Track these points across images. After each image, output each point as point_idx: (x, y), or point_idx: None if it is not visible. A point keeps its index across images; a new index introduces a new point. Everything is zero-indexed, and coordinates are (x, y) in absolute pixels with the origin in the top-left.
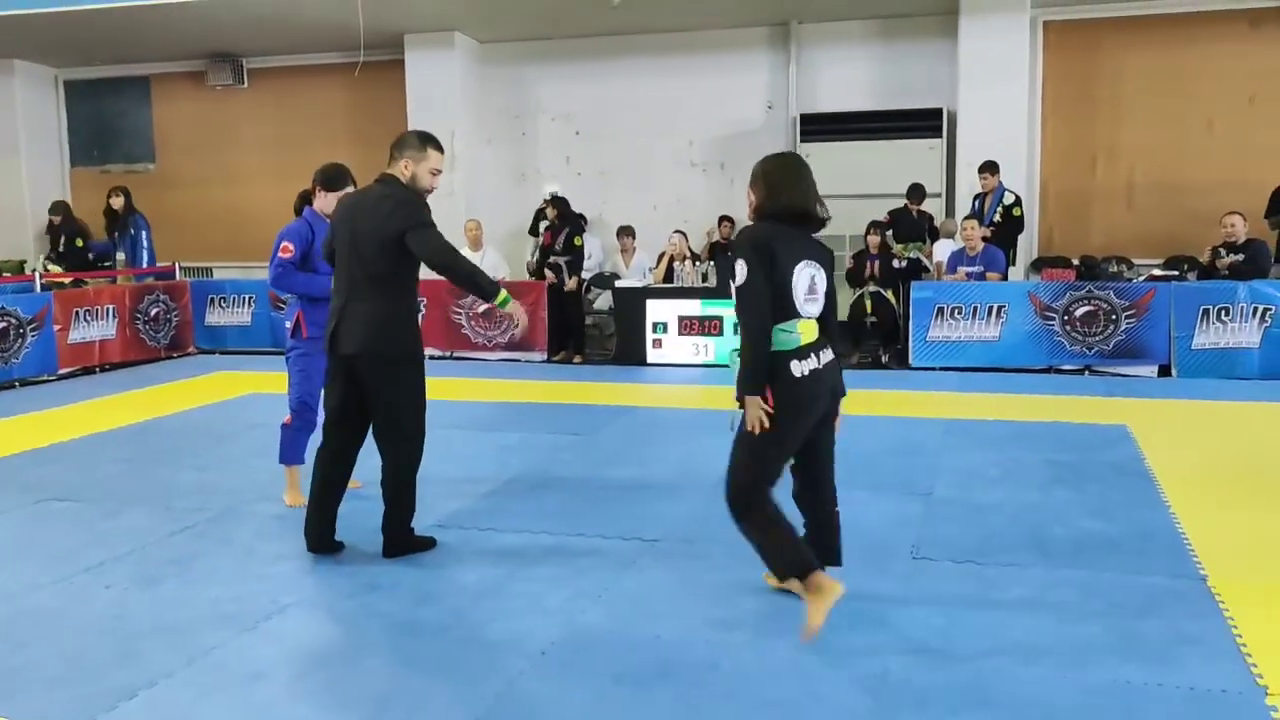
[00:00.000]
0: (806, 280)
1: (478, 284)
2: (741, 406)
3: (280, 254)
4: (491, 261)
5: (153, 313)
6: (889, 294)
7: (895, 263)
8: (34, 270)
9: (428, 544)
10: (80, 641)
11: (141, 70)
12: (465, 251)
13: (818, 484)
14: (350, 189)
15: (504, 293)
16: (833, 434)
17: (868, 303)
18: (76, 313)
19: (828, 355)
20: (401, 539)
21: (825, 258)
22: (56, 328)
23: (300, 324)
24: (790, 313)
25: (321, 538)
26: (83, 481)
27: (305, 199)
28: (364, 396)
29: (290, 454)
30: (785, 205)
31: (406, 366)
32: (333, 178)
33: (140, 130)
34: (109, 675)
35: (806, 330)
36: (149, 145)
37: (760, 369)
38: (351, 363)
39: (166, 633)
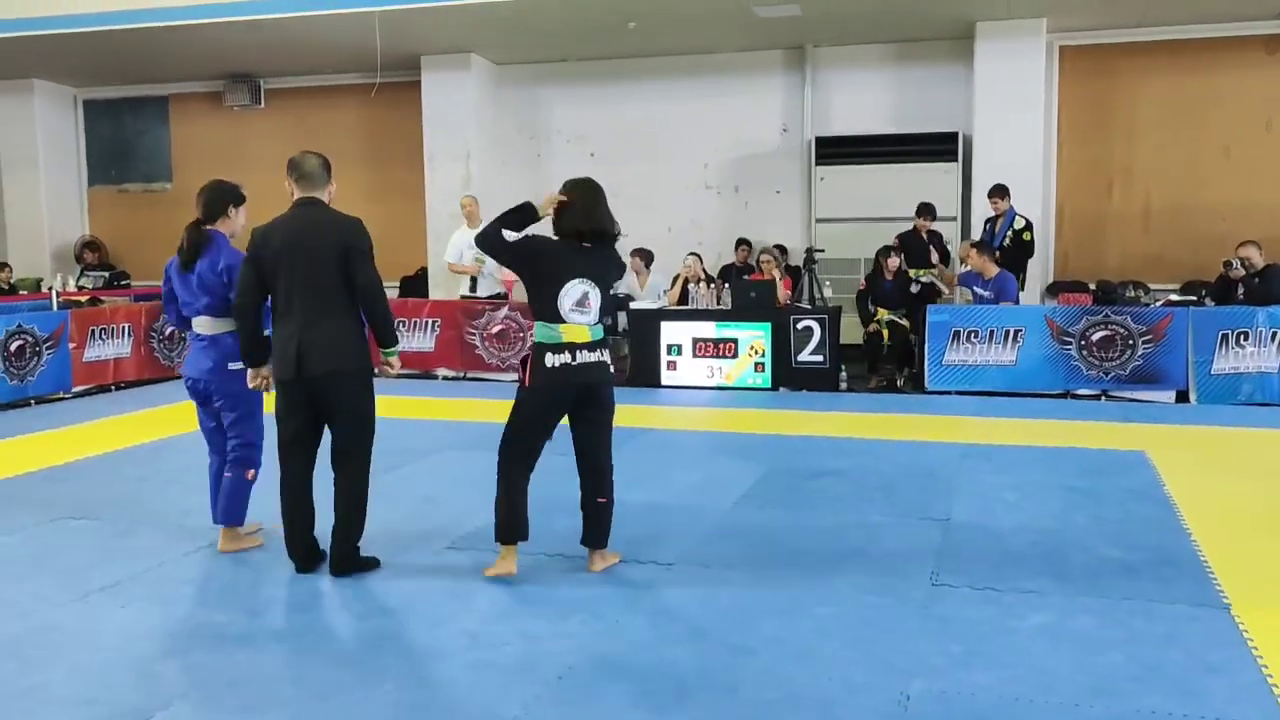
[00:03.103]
0: (579, 294)
1: (388, 329)
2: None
3: None
4: None
5: (167, 332)
6: (903, 318)
7: (912, 287)
8: (51, 288)
9: (373, 564)
10: (95, 661)
11: (160, 90)
12: (462, 229)
13: (584, 474)
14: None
15: (398, 345)
16: (596, 432)
17: (885, 331)
18: (92, 331)
19: (588, 355)
20: (353, 556)
21: (602, 274)
22: (72, 346)
23: None
24: (555, 316)
25: (312, 557)
26: (98, 500)
27: (200, 224)
28: (322, 416)
29: (244, 511)
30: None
31: (367, 380)
32: (240, 190)
33: (158, 150)
34: (124, 696)
35: (569, 331)
36: (166, 164)
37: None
38: (316, 383)
39: (182, 654)
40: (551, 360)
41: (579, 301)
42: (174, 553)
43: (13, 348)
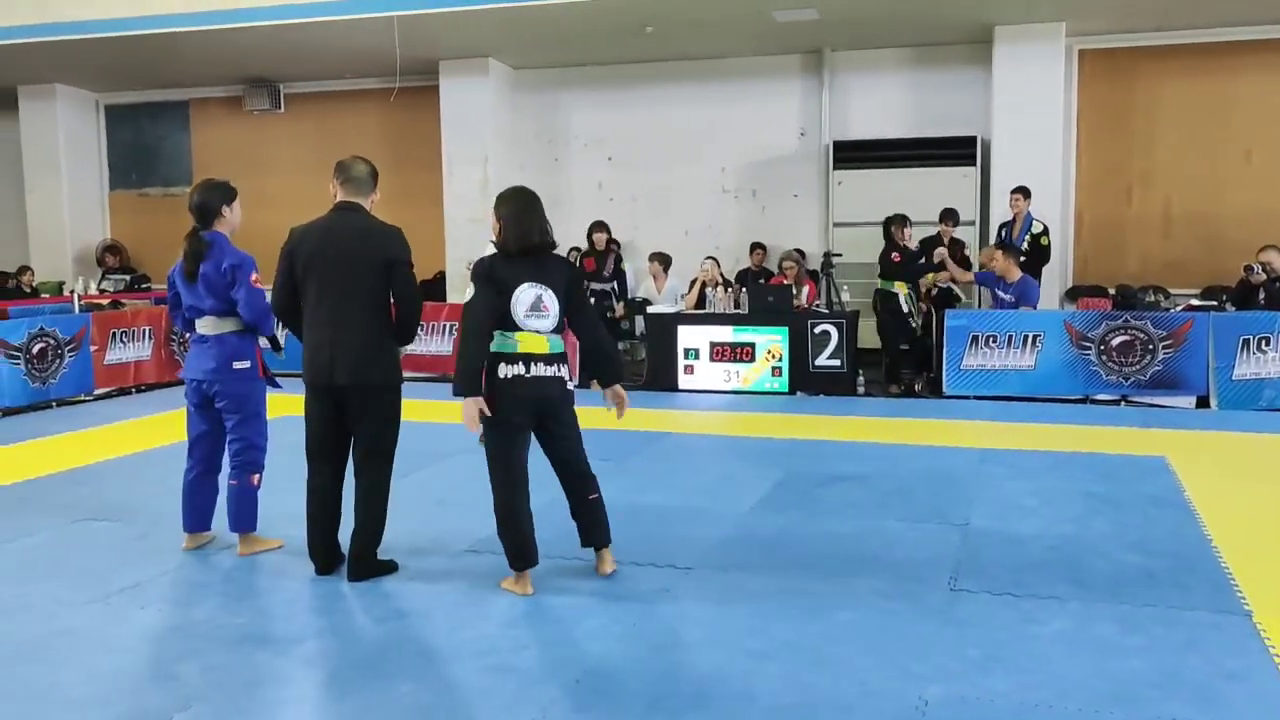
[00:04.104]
0: (531, 298)
1: (409, 336)
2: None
3: (257, 285)
4: None
5: (187, 335)
6: (919, 299)
7: (930, 291)
8: (73, 291)
9: (391, 567)
10: (115, 663)
11: (180, 95)
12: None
13: (566, 481)
14: None
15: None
16: (566, 445)
17: (911, 306)
18: (113, 334)
19: (543, 369)
20: (371, 559)
21: (551, 278)
22: (93, 348)
23: (262, 363)
24: (510, 324)
25: (332, 560)
26: (118, 502)
27: (197, 230)
28: (349, 423)
29: (255, 516)
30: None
31: (396, 393)
32: (230, 185)
33: (179, 154)
34: (143, 697)
35: (525, 340)
36: (187, 169)
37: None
38: (345, 392)
39: (201, 655)
40: (505, 371)
41: (533, 306)
42: (193, 555)
43: (35, 350)
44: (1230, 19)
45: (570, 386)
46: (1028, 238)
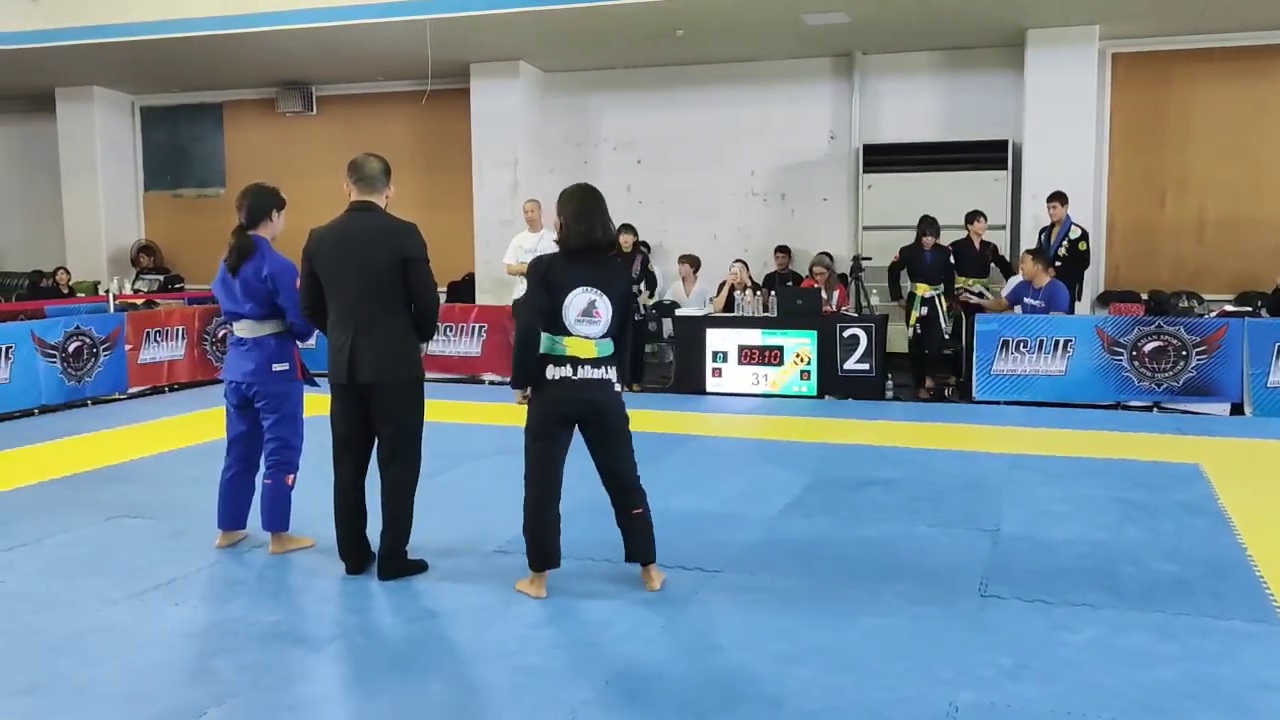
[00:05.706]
0: (584, 303)
1: (430, 332)
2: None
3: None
4: (550, 244)
5: (220, 334)
6: (943, 296)
7: (963, 296)
8: (108, 291)
9: (421, 567)
10: (149, 659)
11: (214, 97)
12: (524, 234)
13: (610, 491)
14: None
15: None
16: (611, 449)
17: (941, 304)
18: (147, 333)
19: (590, 372)
20: (401, 559)
21: (609, 282)
22: (128, 348)
23: (301, 364)
24: (559, 328)
25: (363, 559)
26: (153, 499)
27: (245, 229)
28: (372, 421)
29: (288, 516)
30: (574, 237)
31: (418, 389)
32: (281, 194)
33: (212, 156)
34: (177, 694)
35: (573, 345)
36: (220, 170)
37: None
38: (367, 390)
39: (235, 652)
40: (552, 373)
41: (585, 311)
42: (226, 552)
43: (71, 349)
44: (1266, 22)
45: (618, 389)
46: (1064, 243)
